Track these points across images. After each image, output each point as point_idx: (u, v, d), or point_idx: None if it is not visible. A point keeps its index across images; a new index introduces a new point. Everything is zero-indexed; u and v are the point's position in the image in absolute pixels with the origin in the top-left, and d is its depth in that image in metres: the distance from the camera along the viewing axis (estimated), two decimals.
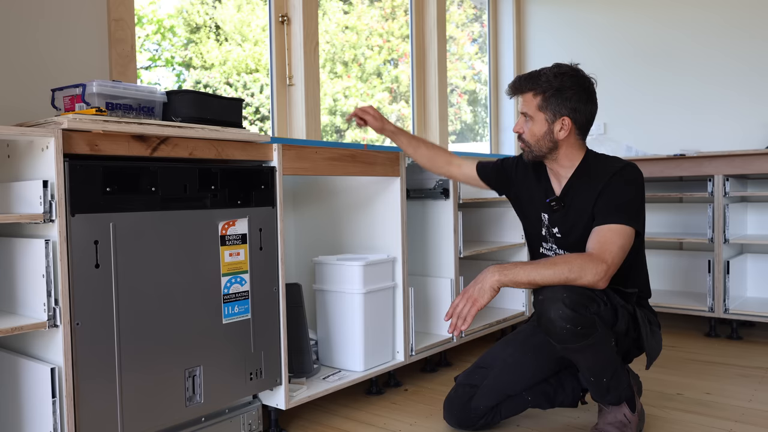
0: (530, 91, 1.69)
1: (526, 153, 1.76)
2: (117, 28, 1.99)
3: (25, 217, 1.29)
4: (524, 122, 1.72)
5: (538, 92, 1.67)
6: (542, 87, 1.66)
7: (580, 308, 1.52)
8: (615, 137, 3.66)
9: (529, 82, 1.68)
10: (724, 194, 2.92)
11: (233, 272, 1.68)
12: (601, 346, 1.58)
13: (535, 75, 1.68)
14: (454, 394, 1.85)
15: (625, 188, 1.63)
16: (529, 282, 1.55)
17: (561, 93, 1.65)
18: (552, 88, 1.65)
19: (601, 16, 3.76)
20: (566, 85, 1.65)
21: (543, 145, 1.70)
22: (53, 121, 1.36)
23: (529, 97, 1.69)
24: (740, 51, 3.29)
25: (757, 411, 2.00)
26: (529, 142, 1.72)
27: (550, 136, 1.69)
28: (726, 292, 2.92)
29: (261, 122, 2.76)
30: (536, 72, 1.69)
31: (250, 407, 1.80)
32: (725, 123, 3.35)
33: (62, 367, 1.33)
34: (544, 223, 1.82)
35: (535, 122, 1.69)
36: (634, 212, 1.62)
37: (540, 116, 1.68)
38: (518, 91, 1.72)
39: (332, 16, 3.11)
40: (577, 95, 1.66)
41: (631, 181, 1.65)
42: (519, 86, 1.71)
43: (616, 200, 1.62)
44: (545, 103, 1.67)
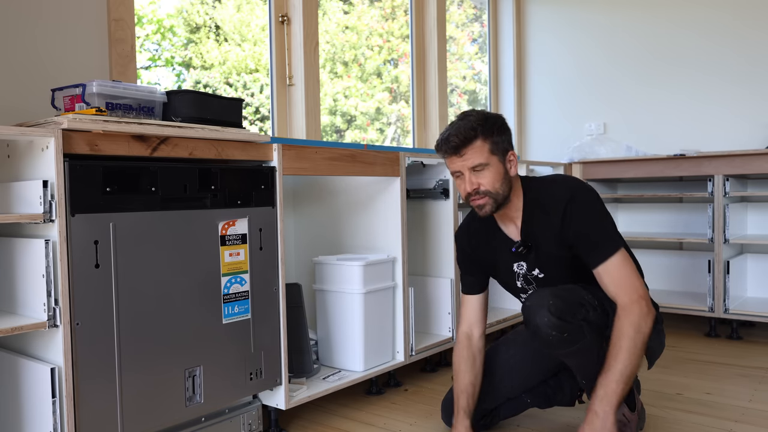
0: (477, 138, 1.57)
1: (485, 208, 1.61)
2: (117, 28, 1.99)
3: (25, 217, 1.29)
4: (475, 176, 1.59)
5: (485, 136, 1.58)
6: (486, 130, 1.58)
7: (567, 315, 1.52)
8: (615, 137, 3.66)
9: (472, 131, 1.57)
10: (724, 194, 2.92)
11: (233, 272, 1.68)
12: (590, 351, 1.57)
13: (468, 123, 1.58)
14: (451, 396, 1.84)
15: (589, 216, 1.58)
16: (627, 389, 1.49)
17: (501, 130, 1.60)
18: (493, 127, 1.59)
19: (601, 16, 3.76)
20: (500, 123, 1.61)
21: (503, 189, 1.61)
22: (53, 121, 1.36)
23: (479, 145, 1.57)
24: (740, 51, 3.29)
25: (757, 411, 2.00)
26: (490, 192, 1.59)
27: (507, 176, 1.61)
28: (726, 292, 2.92)
29: (261, 122, 2.76)
30: (463, 121, 1.59)
31: (250, 407, 1.80)
32: (725, 123, 3.35)
33: (62, 367, 1.33)
34: (521, 273, 1.72)
35: (490, 168, 1.58)
36: (612, 231, 1.59)
37: (494, 159, 1.58)
38: (467, 141, 1.57)
39: (332, 16, 3.11)
40: (508, 129, 1.64)
41: (587, 204, 1.59)
42: (466, 136, 1.57)
43: (593, 233, 1.57)
44: (495, 146, 1.58)
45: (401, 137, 3.51)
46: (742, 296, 3.14)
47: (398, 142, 3.49)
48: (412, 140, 3.51)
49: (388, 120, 3.44)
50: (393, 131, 3.47)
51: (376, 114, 3.34)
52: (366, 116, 3.29)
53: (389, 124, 3.45)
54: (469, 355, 1.77)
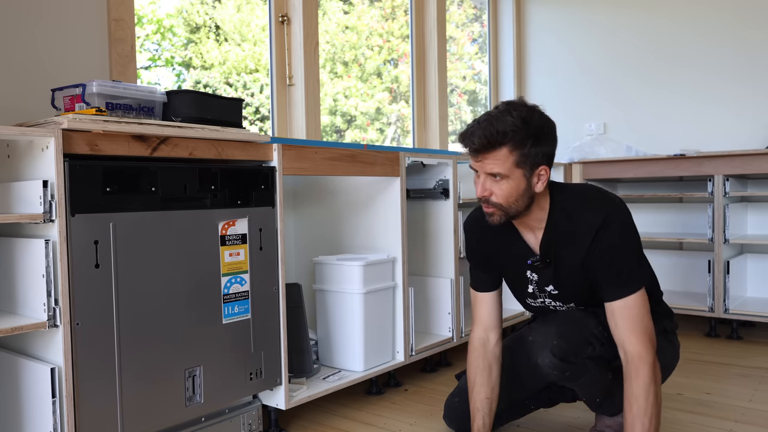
0: (504, 146, 1.37)
1: (493, 218, 1.47)
2: (117, 28, 1.99)
3: (25, 217, 1.29)
4: (491, 183, 1.42)
5: (515, 146, 1.37)
6: (519, 139, 1.36)
7: (570, 357, 1.48)
8: (615, 137, 3.66)
9: (501, 136, 1.36)
10: (724, 194, 2.92)
11: (233, 272, 1.68)
12: (594, 382, 1.56)
13: (502, 125, 1.37)
14: (457, 401, 1.79)
15: (619, 247, 1.44)
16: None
17: (539, 141, 1.38)
18: (530, 137, 1.37)
19: (601, 16, 3.76)
20: (543, 132, 1.39)
21: (520, 204, 1.43)
22: (53, 121, 1.36)
23: (504, 154, 1.37)
24: (740, 51, 3.29)
25: (757, 411, 2.00)
26: (501, 204, 1.43)
27: (529, 191, 1.43)
28: (726, 292, 2.92)
29: (261, 122, 2.76)
30: (498, 119, 1.38)
31: (250, 407, 1.80)
32: (725, 123, 3.35)
33: (62, 367, 1.33)
34: (533, 280, 1.61)
35: (510, 181, 1.40)
36: (638, 265, 1.46)
37: (517, 173, 1.39)
38: (490, 146, 1.37)
39: (332, 16, 3.11)
40: (552, 139, 1.42)
41: (619, 233, 1.45)
42: (491, 141, 1.37)
43: (618, 267, 1.43)
44: (524, 158, 1.38)
45: (401, 137, 3.51)
46: (742, 296, 3.14)
47: (398, 142, 3.49)
48: (412, 140, 3.51)
49: (388, 120, 3.44)
50: (393, 131, 3.47)
51: (376, 114, 3.34)
52: (366, 116, 3.29)
53: (389, 124, 3.45)
54: (485, 364, 1.63)
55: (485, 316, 1.67)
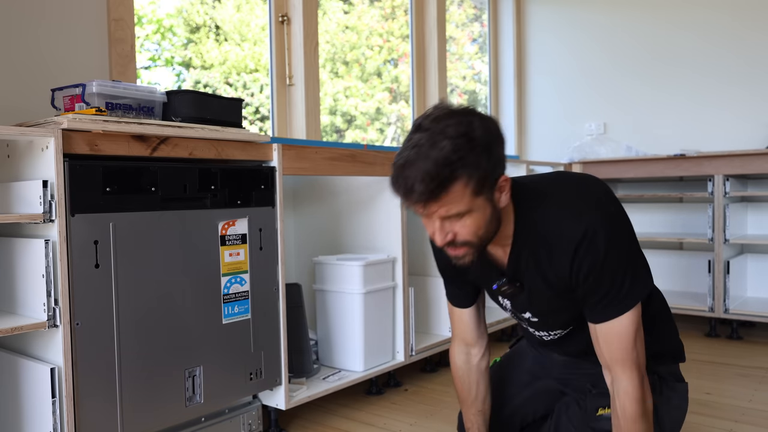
0: (456, 181, 1.05)
1: (463, 260, 1.18)
2: (117, 28, 1.99)
3: (25, 217, 1.29)
4: (450, 224, 1.13)
5: (469, 175, 1.06)
6: (470, 163, 1.05)
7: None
8: (615, 137, 3.66)
9: (449, 171, 1.04)
10: (724, 194, 2.92)
11: (233, 272, 1.68)
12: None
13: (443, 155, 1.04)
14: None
15: (605, 261, 1.16)
16: None
17: (491, 151, 1.08)
18: (482, 152, 1.07)
19: (601, 16, 3.76)
20: (492, 136, 1.10)
21: (491, 231, 1.16)
22: (53, 121, 1.36)
23: (458, 190, 1.06)
24: (740, 51, 3.29)
25: (757, 411, 2.00)
26: (470, 241, 1.15)
27: (496, 213, 1.15)
28: (726, 292, 2.92)
29: (261, 122, 2.76)
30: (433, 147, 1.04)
31: (250, 407, 1.80)
32: (725, 123, 3.35)
33: (62, 367, 1.33)
34: (507, 307, 1.41)
35: (473, 214, 1.11)
36: (629, 279, 1.18)
37: (479, 202, 1.10)
38: (438, 191, 1.05)
39: (332, 16, 3.11)
40: (501, 137, 1.13)
41: (608, 242, 1.16)
42: (438, 184, 1.05)
43: (606, 284, 1.18)
44: (483, 182, 1.08)
45: (401, 137, 3.51)
46: (742, 296, 3.14)
47: (398, 142, 3.49)
48: None
49: (388, 120, 3.43)
50: (393, 131, 3.47)
51: (376, 114, 3.34)
52: (366, 116, 3.29)
53: (389, 124, 3.45)
54: (470, 381, 1.47)
55: (464, 332, 1.47)
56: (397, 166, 1.09)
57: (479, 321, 1.47)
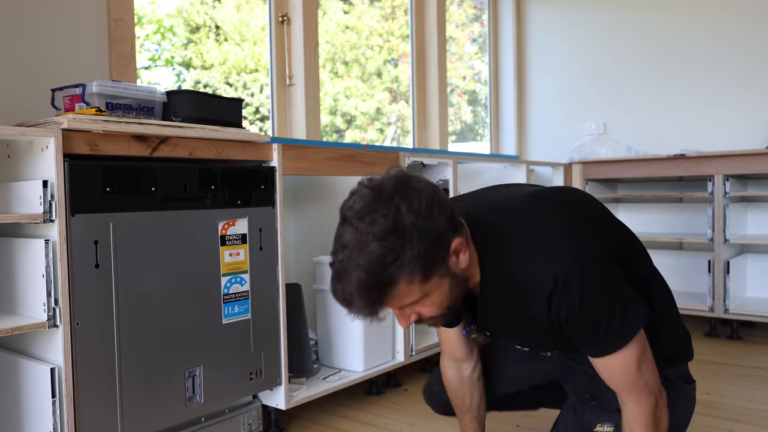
0: (396, 283, 0.98)
1: (436, 324, 1.16)
2: (117, 28, 1.99)
3: (25, 217, 1.29)
4: (411, 308, 1.05)
5: (410, 270, 0.97)
6: (407, 260, 0.96)
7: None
8: (615, 137, 3.66)
9: (385, 280, 0.96)
10: (724, 194, 2.92)
11: (233, 272, 1.68)
12: None
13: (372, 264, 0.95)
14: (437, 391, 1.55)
15: (586, 304, 1.05)
16: None
17: (426, 231, 0.97)
18: (417, 241, 0.96)
19: (601, 16, 3.76)
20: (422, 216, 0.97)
21: (456, 296, 1.08)
22: (53, 121, 1.36)
23: (403, 288, 0.99)
24: (740, 51, 3.29)
25: (757, 411, 2.00)
26: (437, 315, 1.08)
27: (458, 278, 1.06)
28: (726, 292, 2.92)
29: (261, 122, 2.76)
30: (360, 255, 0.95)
31: (250, 407, 1.80)
32: (725, 123, 3.35)
33: (62, 367, 1.33)
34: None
35: (431, 295, 1.03)
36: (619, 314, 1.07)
37: (432, 284, 1.02)
38: (379, 301, 0.99)
39: (332, 16, 3.11)
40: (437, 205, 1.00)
41: (584, 283, 1.04)
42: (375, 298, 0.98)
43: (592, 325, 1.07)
44: (430, 266, 0.99)
45: (401, 137, 3.51)
46: (742, 296, 3.14)
47: (398, 142, 3.49)
48: (412, 140, 3.51)
49: (388, 120, 3.43)
50: (393, 131, 3.47)
51: (376, 114, 3.34)
52: (366, 116, 3.29)
53: (389, 124, 3.45)
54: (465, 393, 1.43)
55: (453, 349, 1.40)
56: (333, 274, 1.01)
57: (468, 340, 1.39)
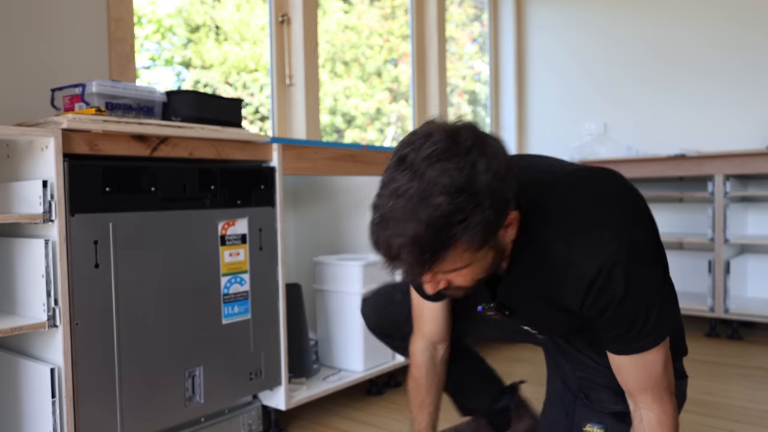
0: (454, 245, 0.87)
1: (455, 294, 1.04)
2: (117, 28, 1.99)
3: (24, 217, 1.29)
4: (444, 275, 0.96)
5: (474, 237, 0.87)
6: (474, 223, 0.86)
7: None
8: (615, 137, 3.66)
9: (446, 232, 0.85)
10: (725, 194, 2.92)
11: (233, 272, 1.68)
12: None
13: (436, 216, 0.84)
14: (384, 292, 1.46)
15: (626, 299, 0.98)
16: None
17: (498, 198, 0.88)
18: (489, 204, 0.87)
19: (602, 16, 3.76)
20: (499, 176, 0.88)
21: (491, 271, 1.00)
22: (53, 120, 1.36)
23: (458, 253, 0.89)
24: (741, 51, 3.29)
25: (757, 411, 2.00)
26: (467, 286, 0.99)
27: (499, 253, 0.99)
28: (726, 292, 2.92)
29: (261, 122, 2.76)
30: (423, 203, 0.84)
31: (249, 407, 1.80)
32: (726, 123, 3.34)
33: (62, 367, 1.33)
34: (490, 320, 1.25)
35: (473, 265, 0.94)
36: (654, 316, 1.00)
37: (481, 254, 0.93)
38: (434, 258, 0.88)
39: (332, 16, 3.11)
40: (509, 170, 0.92)
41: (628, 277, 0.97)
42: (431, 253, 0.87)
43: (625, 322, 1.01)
44: (487, 235, 0.89)
45: (401, 137, 3.50)
46: (742, 296, 3.14)
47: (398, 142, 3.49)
48: None
49: (388, 120, 3.43)
50: (393, 131, 3.47)
51: (376, 114, 3.34)
52: (366, 116, 3.28)
53: (389, 124, 3.45)
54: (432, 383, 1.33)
55: (432, 329, 1.29)
56: (378, 220, 0.88)
57: (448, 317, 1.29)
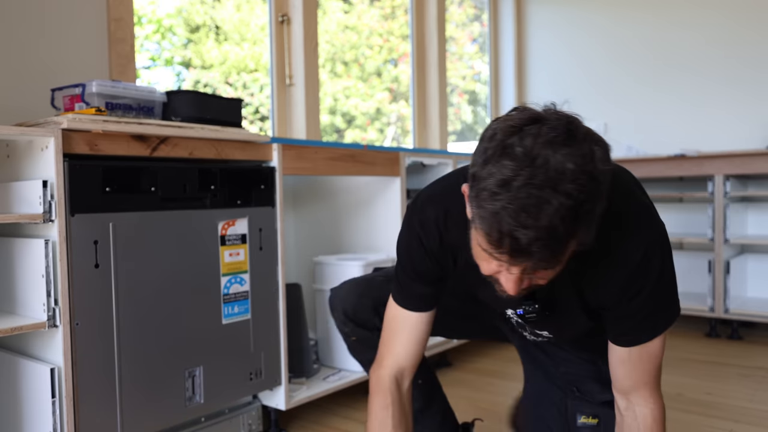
0: (573, 239, 0.83)
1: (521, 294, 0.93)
2: (117, 28, 1.99)
3: (24, 217, 1.29)
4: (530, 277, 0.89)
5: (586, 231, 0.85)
6: (591, 215, 0.83)
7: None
8: (615, 137, 3.65)
9: (573, 225, 0.80)
10: (725, 194, 2.92)
11: (233, 272, 1.68)
12: None
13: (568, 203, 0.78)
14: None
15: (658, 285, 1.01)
16: None
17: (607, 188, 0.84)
18: (606, 198, 0.85)
19: (602, 16, 3.76)
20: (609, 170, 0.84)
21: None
22: (53, 120, 1.36)
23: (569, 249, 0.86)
24: (740, 51, 3.29)
25: (757, 411, 2.00)
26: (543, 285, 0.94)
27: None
28: (726, 292, 2.92)
29: (261, 122, 2.76)
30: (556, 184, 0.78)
31: (249, 407, 1.80)
32: (725, 123, 3.34)
33: (62, 367, 1.33)
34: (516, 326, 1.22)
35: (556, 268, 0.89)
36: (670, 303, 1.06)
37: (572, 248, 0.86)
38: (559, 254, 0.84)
39: (332, 16, 3.11)
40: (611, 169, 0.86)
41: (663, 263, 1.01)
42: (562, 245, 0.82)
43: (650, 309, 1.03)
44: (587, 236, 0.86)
45: (401, 137, 3.50)
46: (742, 296, 3.14)
47: (398, 142, 3.49)
48: (412, 140, 3.50)
49: (388, 120, 3.43)
50: (393, 131, 3.47)
51: (376, 114, 3.34)
52: (366, 116, 3.29)
53: (389, 124, 3.45)
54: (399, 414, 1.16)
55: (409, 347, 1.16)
56: (503, 209, 0.79)
57: (428, 334, 1.17)
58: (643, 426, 1.08)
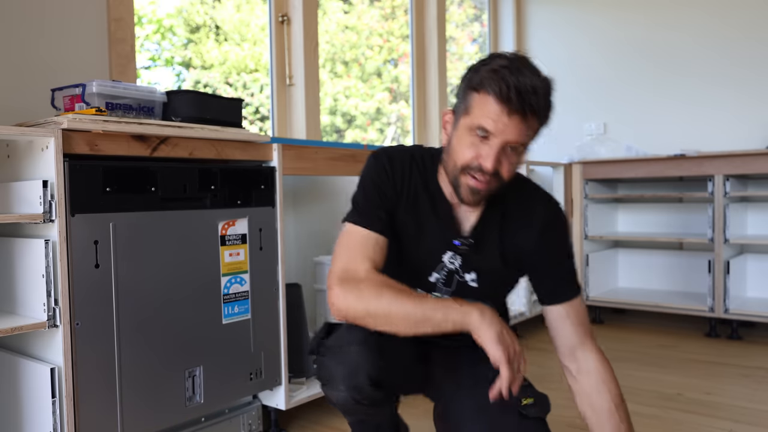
0: (537, 113, 1.12)
1: (474, 196, 1.17)
2: (117, 28, 1.99)
3: (25, 217, 1.29)
4: (504, 155, 1.14)
5: (543, 118, 1.14)
6: (548, 109, 1.15)
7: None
8: (615, 137, 3.66)
9: (545, 99, 1.11)
10: (725, 194, 2.92)
11: (233, 272, 1.68)
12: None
13: (544, 88, 1.11)
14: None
15: (567, 241, 1.31)
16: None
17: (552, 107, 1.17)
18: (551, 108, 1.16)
19: (602, 17, 3.76)
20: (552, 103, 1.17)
21: (512, 177, 1.20)
22: (53, 121, 1.36)
23: (534, 123, 1.13)
24: (740, 51, 3.29)
25: (757, 411, 2.00)
26: (503, 181, 1.17)
27: (520, 164, 1.21)
28: (726, 292, 2.92)
29: (261, 122, 2.76)
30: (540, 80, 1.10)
31: (249, 407, 1.80)
32: (725, 123, 3.35)
33: (62, 367, 1.33)
34: (447, 268, 1.28)
35: (522, 154, 1.18)
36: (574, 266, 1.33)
37: (532, 139, 1.17)
38: (535, 112, 1.11)
39: (332, 16, 3.11)
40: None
41: (566, 228, 1.31)
42: (542, 105, 1.12)
43: (567, 262, 1.30)
44: (538, 133, 1.18)
45: (401, 137, 3.51)
46: (742, 296, 3.14)
47: (398, 142, 3.49)
48: (412, 140, 3.51)
49: (388, 120, 3.44)
50: (393, 131, 3.48)
51: (376, 114, 3.34)
52: (366, 116, 3.29)
53: (389, 124, 3.45)
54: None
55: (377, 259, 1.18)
56: (507, 70, 1.08)
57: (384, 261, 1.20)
58: (599, 377, 1.24)
